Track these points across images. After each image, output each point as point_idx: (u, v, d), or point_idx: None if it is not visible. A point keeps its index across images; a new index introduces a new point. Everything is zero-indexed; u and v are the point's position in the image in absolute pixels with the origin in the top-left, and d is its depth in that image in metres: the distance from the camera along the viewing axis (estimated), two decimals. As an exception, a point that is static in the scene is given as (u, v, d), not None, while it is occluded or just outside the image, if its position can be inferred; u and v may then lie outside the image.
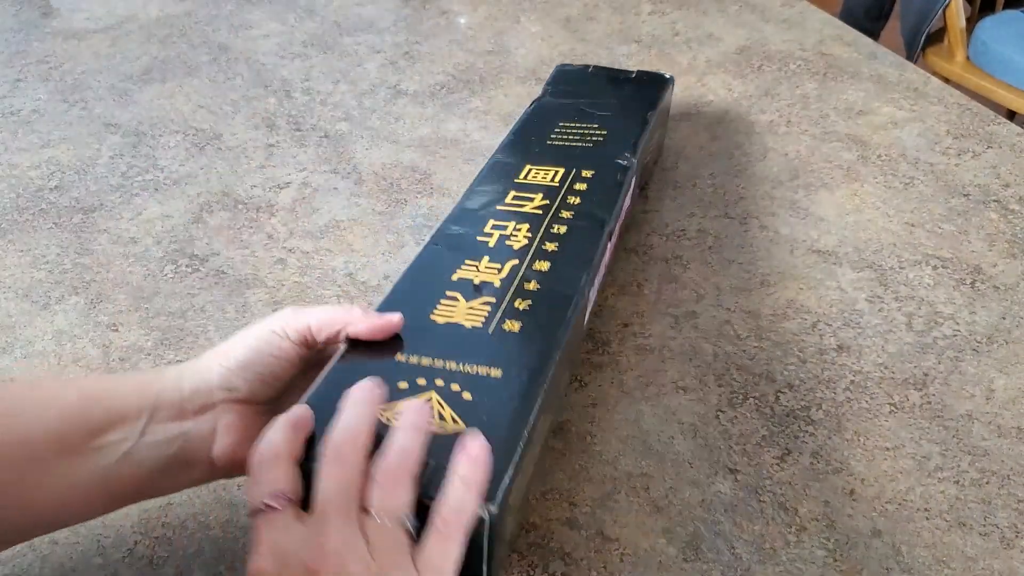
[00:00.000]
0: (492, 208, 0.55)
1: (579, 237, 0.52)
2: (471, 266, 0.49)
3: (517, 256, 0.50)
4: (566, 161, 0.60)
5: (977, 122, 0.83)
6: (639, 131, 0.65)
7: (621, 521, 0.49)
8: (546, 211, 0.54)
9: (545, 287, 0.47)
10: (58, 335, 0.60)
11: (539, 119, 0.68)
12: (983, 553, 0.48)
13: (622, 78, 0.75)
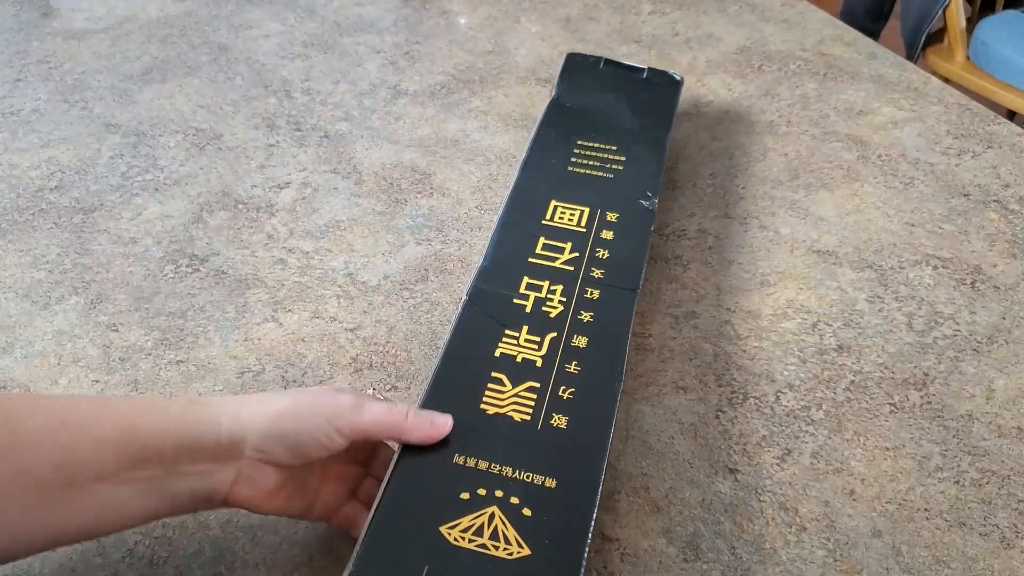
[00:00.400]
0: (524, 260, 0.56)
1: (612, 306, 0.53)
2: (512, 338, 0.50)
3: (555, 328, 0.51)
4: (590, 198, 0.61)
5: (977, 122, 0.83)
6: (657, 159, 0.65)
7: (621, 521, 0.49)
8: (577, 268, 0.55)
9: (585, 370, 0.48)
10: (58, 335, 0.60)
11: (557, 130, 0.68)
12: (983, 553, 0.48)
13: (634, 78, 0.75)
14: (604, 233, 0.58)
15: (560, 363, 0.49)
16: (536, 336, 0.50)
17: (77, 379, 0.57)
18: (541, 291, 0.53)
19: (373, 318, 0.62)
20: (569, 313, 0.52)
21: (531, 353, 0.49)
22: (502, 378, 0.48)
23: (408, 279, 0.65)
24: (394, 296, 0.64)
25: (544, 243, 0.57)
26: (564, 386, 0.47)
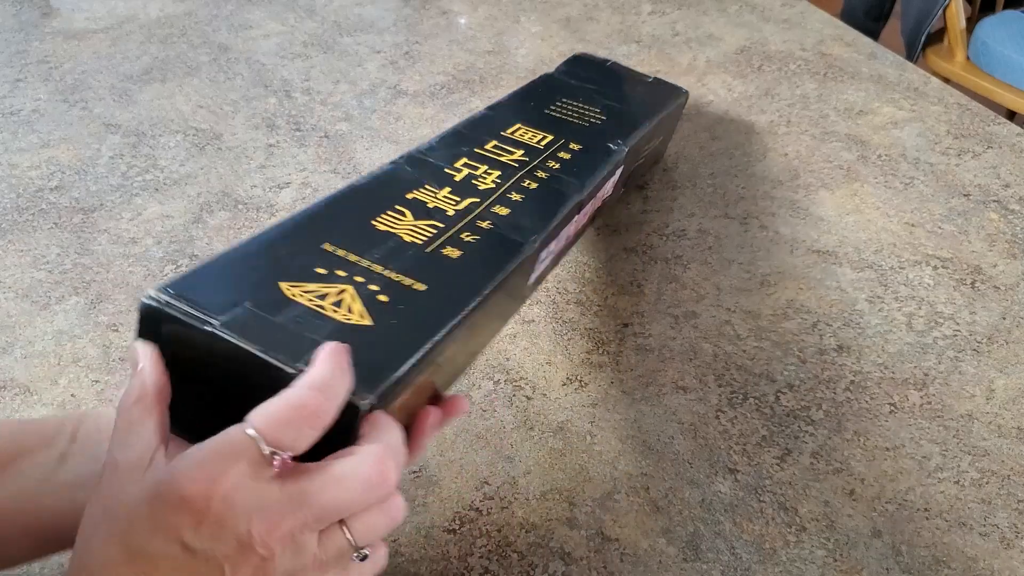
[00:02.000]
0: (469, 149, 0.53)
1: (546, 197, 0.50)
2: (430, 191, 0.47)
3: (479, 196, 0.48)
4: (558, 131, 0.59)
5: (977, 122, 0.83)
6: (637, 126, 0.65)
7: (621, 521, 0.49)
8: (522, 166, 0.53)
9: (497, 230, 0.45)
10: (58, 335, 0.60)
11: (543, 90, 0.67)
12: (983, 553, 0.48)
13: (638, 80, 0.75)
14: (562, 153, 0.56)
15: (473, 218, 0.45)
16: (457, 196, 0.47)
17: (77, 379, 0.57)
18: (477, 170, 0.51)
19: (373, 318, 0.62)
20: (499, 191, 0.49)
21: (446, 204, 0.46)
22: (405, 211, 0.44)
23: (408, 279, 0.65)
24: (394, 296, 0.64)
25: (495, 145, 0.55)
26: (469, 232, 0.44)
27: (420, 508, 0.50)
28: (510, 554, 0.48)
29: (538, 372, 0.58)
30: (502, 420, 0.55)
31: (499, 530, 0.49)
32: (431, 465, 0.52)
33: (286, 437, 0.29)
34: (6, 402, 0.55)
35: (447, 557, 0.48)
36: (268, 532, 0.29)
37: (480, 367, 0.58)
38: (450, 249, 0.42)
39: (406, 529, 0.49)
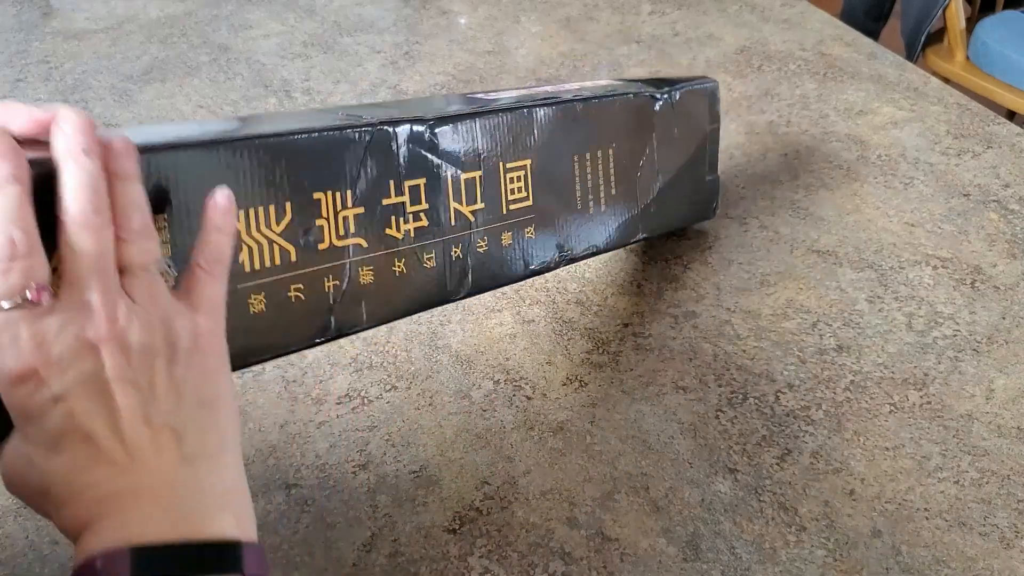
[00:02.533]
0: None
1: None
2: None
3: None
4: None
5: (977, 122, 0.83)
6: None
7: (621, 521, 0.49)
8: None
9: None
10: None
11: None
12: (983, 553, 0.48)
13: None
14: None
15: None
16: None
17: (77, 379, 0.57)
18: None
19: (373, 318, 0.62)
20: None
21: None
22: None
23: (408, 279, 0.65)
24: (394, 296, 0.64)
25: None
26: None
27: (420, 508, 0.50)
28: (510, 554, 0.48)
29: (538, 372, 0.58)
30: (502, 420, 0.55)
31: (499, 530, 0.49)
32: (431, 465, 0.52)
33: (8, 283, 0.29)
34: (6, 402, 0.55)
35: (447, 557, 0.48)
36: (89, 326, 0.29)
37: (480, 367, 0.59)
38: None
39: (406, 529, 0.49)
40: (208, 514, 0.31)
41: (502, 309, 0.63)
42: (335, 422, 0.55)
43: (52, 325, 0.29)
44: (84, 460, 0.30)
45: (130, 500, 0.30)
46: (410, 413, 0.55)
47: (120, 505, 0.30)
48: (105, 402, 0.30)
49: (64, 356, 0.29)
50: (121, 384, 0.30)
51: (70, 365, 0.29)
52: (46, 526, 0.49)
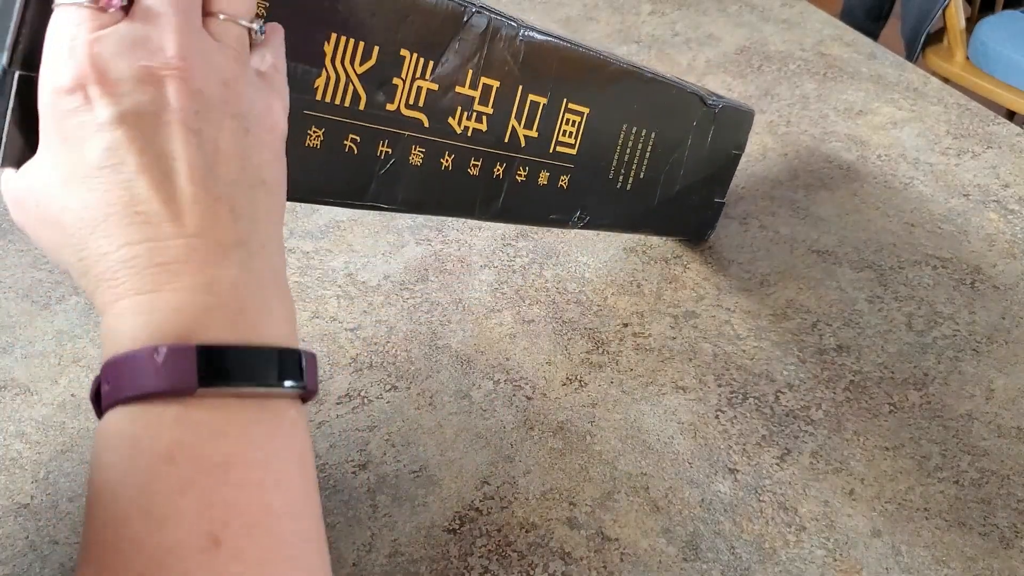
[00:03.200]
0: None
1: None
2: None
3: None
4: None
5: (977, 122, 0.83)
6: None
7: (621, 521, 0.49)
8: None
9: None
10: (58, 335, 0.60)
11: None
12: (983, 553, 0.48)
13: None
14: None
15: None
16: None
17: (77, 379, 0.57)
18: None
19: (373, 318, 0.62)
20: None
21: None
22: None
23: (408, 279, 0.65)
24: (394, 296, 0.64)
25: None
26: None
27: (420, 508, 0.50)
28: (510, 554, 0.48)
29: (538, 372, 0.58)
30: (502, 420, 0.55)
31: (499, 530, 0.49)
32: (431, 465, 0.52)
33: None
34: (6, 402, 0.55)
35: (447, 557, 0.48)
36: (159, 54, 0.26)
37: (480, 367, 0.59)
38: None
39: (406, 529, 0.49)
40: (265, 314, 0.27)
41: (502, 309, 0.63)
42: (335, 422, 0.55)
43: (115, 39, 0.26)
44: (120, 208, 0.26)
45: (177, 280, 0.26)
46: (410, 413, 0.55)
47: (163, 282, 0.26)
48: (160, 146, 0.26)
49: (122, 78, 0.26)
50: (182, 130, 0.27)
51: (128, 90, 0.26)
52: (46, 526, 0.49)
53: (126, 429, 0.25)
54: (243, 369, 0.26)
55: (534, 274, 0.66)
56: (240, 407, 0.26)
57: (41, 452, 0.52)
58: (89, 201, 0.26)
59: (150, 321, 0.25)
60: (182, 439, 0.25)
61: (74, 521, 0.49)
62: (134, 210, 0.26)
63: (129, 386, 0.25)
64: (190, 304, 0.26)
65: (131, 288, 0.26)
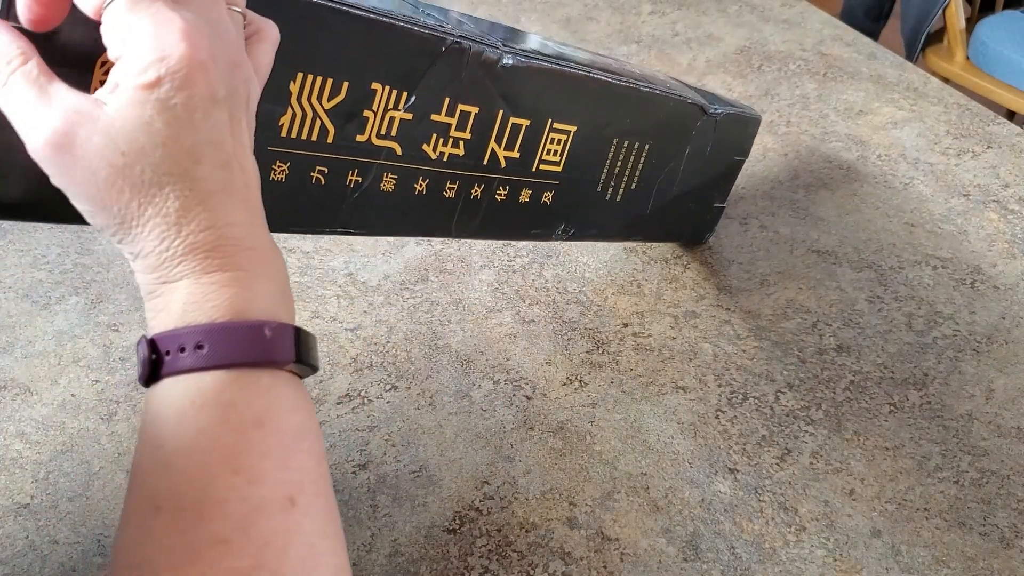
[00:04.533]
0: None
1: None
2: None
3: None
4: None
5: (977, 122, 0.83)
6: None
7: (621, 521, 0.49)
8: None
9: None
10: (59, 335, 0.60)
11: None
12: (983, 553, 0.48)
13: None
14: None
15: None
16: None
17: (77, 379, 0.57)
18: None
19: (373, 318, 0.62)
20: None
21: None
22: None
23: (408, 279, 0.65)
24: (394, 296, 0.64)
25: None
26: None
27: (420, 508, 0.50)
28: (510, 554, 0.48)
29: (538, 372, 0.58)
30: (502, 420, 0.55)
31: (499, 530, 0.49)
32: (431, 465, 0.52)
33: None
34: (6, 402, 0.55)
35: (447, 557, 0.48)
36: (229, 40, 0.28)
37: (480, 367, 0.59)
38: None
39: (406, 529, 0.49)
40: (292, 300, 0.31)
41: (502, 309, 0.63)
42: (335, 422, 0.55)
43: (201, 22, 0.27)
44: (223, 186, 0.28)
45: (262, 266, 0.29)
46: (410, 413, 0.55)
47: (254, 264, 0.28)
48: (236, 126, 0.28)
49: (219, 61, 0.27)
50: (246, 113, 0.29)
51: (224, 74, 0.28)
52: (46, 526, 0.49)
53: (220, 395, 0.27)
54: (310, 351, 0.30)
55: (534, 274, 0.66)
56: (300, 385, 0.30)
57: (41, 452, 0.52)
58: (198, 174, 0.27)
59: (250, 298, 0.28)
60: (270, 407, 0.28)
61: (74, 521, 0.49)
62: (232, 192, 0.28)
63: (238, 353, 0.27)
64: (273, 289, 0.29)
65: (228, 264, 0.28)
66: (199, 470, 0.26)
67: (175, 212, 0.27)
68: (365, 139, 0.41)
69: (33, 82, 0.27)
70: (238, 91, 0.29)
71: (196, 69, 0.26)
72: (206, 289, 0.27)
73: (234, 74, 0.28)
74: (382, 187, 0.43)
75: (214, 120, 0.27)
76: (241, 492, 0.26)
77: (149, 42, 0.26)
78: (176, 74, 0.26)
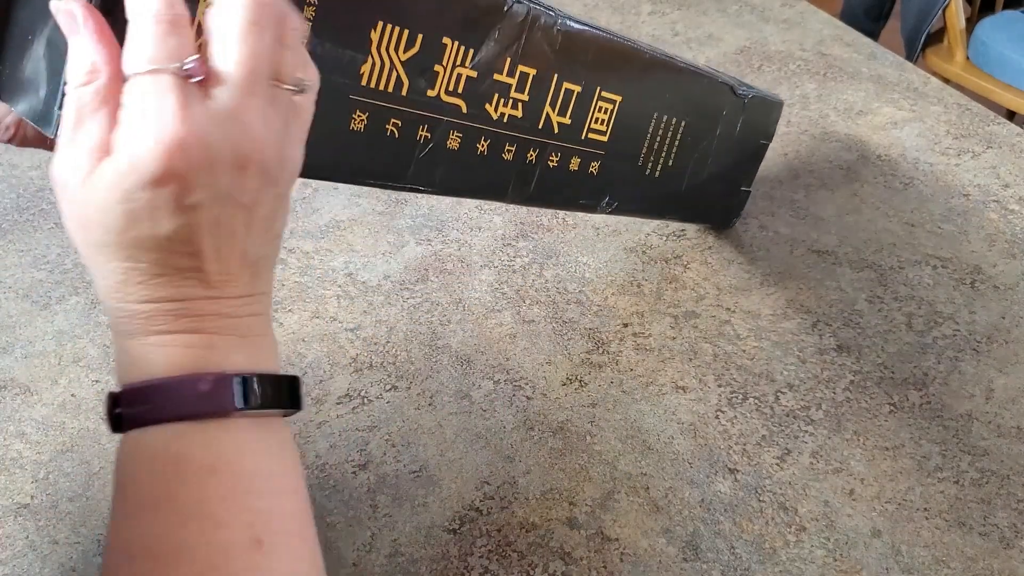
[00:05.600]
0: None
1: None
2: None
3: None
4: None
5: (977, 122, 0.83)
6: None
7: (621, 521, 0.49)
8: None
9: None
10: (59, 335, 0.60)
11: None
12: (983, 553, 0.48)
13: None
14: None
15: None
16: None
17: (77, 379, 0.57)
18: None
19: (373, 318, 0.62)
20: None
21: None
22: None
23: (408, 279, 0.65)
24: (394, 296, 0.64)
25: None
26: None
27: (420, 508, 0.50)
28: (510, 554, 0.48)
29: (538, 372, 0.58)
30: (502, 420, 0.55)
31: (499, 530, 0.49)
32: (431, 465, 0.52)
33: (169, 46, 0.27)
34: (6, 402, 0.55)
35: (447, 557, 0.48)
36: (247, 140, 0.27)
37: (480, 367, 0.59)
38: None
39: (406, 529, 0.49)
40: (269, 348, 0.31)
41: (502, 309, 0.63)
42: (335, 422, 0.55)
43: (208, 120, 0.27)
44: (172, 270, 0.28)
45: (211, 324, 0.29)
46: (410, 413, 0.55)
47: (198, 328, 0.29)
48: (226, 223, 0.28)
49: (216, 165, 0.27)
50: (244, 211, 0.29)
51: (219, 177, 0.27)
52: (46, 526, 0.49)
53: (169, 447, 0.28)
54: (266, 395, 0.30)
55: (534, 274, 0.66)
56: (261, 426, 0.30)
57: (41, 452, 0.52)
58: (148, 259, 0.28)
59: (187, 354, 0.29)
60: (222, 454, 0.29)
61: (74, 521, 0.49)
62: (187, 272, 0.28)
63: (173, 408, 0.28)
64: (221, 342, 0.29)
65: (168, 328, 0.29)
66: (164, 518, 0.28)
67: (116, 283, 0.28)
68: (435, 94, 0.42)
69: (76, 111, 0.27)
70: (237, 190, 0.28)
71: (168, 178, 0.26)
72: (148, 349, 0.29)
73: (237, 176, 0.28)
74: (448, 144, 0.44)
75: (183, 220, 0.27)
76: (205, 537, 0.27)
77: (137, 135, 0.26)
78: (145, 176, 0.26)
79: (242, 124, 0.27)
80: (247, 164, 0.28)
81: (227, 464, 0.29)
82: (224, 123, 0.27)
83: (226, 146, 0.27)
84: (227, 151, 0.27)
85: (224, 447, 0.29)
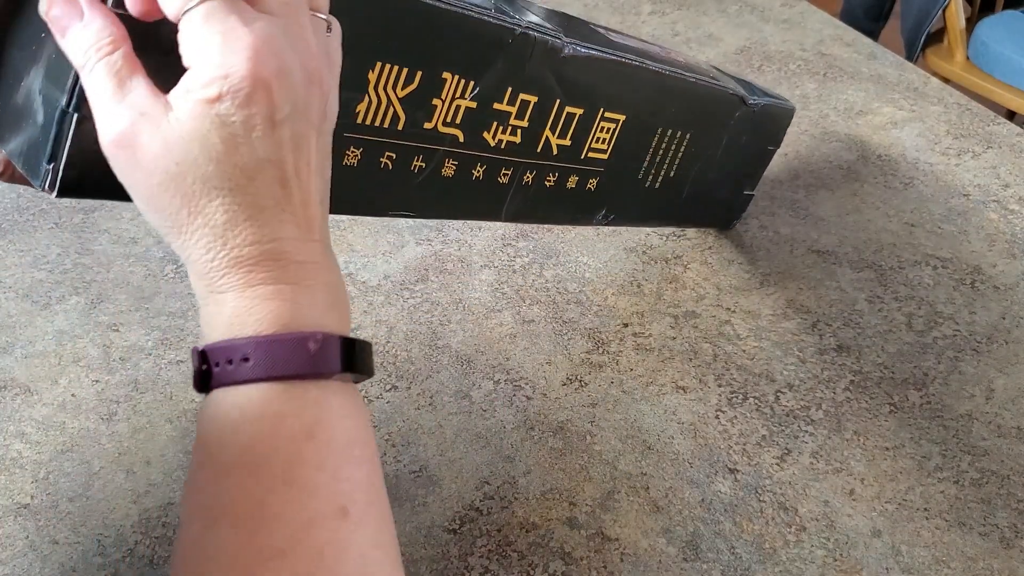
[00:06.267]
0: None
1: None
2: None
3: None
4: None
5: (977, 122, 0.83)
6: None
7: (621, 521, 0.49)
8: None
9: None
10: (59, 335, 0.60)
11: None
12: (983, 553, 0.48)
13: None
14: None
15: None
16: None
17: (77, 379, 0.57)
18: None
19: (373, 318, 0.62)
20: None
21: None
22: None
23: (408, 279, 0.65)
24: (394, 296, 0.64)
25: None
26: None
27: (420, 508, 0.50)
28: (510, 554, 0.48)
29: (538, 372, 0.58)
30: (502, 420, 0.55)
31: (499, 530, 0.49)
32: (431, 465, 0.52)
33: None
34: (6, 402, 0.55)
35: (447, 557, 0.48)
36: (309, 55, 0.28)
37: (480, 367, 0.59)
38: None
39: (406, 529, 0.49)
40: (348, 308, 0.31)
41: (502, 309, 0.63)
42: (335, 422, 0.55)
43: (276, 33, 0.27)
44: (273, 203, 0.28)
45: (311, 278, 0.29)
46: (410, 413, 0.55)
47: (302, 277, 0.28)
48: (305, 148, 0.28)
49: (291, 71, 0.27)
50: (316, 134, 0.29)
51: (296, 90, 0.27)
52: (46, 526, 0.49)
53: (266, 408, 0.27)
54: (362, 360, 0.30)
55: (534, 274, 0.66)
56: (348, 392, 0.30)
57: (41, 452, 0.52)
58: (251, 189, 0.27)
59: (295, 311, 0.28)
60: (320, 418, 0.28)
61: (74, 521, 0.49)
62: (282, 205, 0.28)
63: (279, 367, 0.27)
64: (321, 300, 0.29)
65: (274, 277, 0.28)
66: (253, 483, 0.27)
67: (221, 225, 0.27)
68: (432, 126, 0.42)
69: (114, 74, 0.27)
70: (309, 107, 0.28)
71: (258, 88, 0.26)
72: (250, 303, 0.28)
73: (308, 90, 0.28)
74: (443, 172, 0.44)
75: (274, 139, 0.27)
76: (295, 504, 0.27)
77: (216, 57, 0.26)
78: (238, 92, 0.26)
79: (301, 38, 0.28)
80: (312, 78, 0.28)
81: (324, 429, 0.28)
82: (287, 34, 0.27)
83: (294, 57, 0.27)
84: (296, 62, 0.27)
85: (323, 411, 0.28)
